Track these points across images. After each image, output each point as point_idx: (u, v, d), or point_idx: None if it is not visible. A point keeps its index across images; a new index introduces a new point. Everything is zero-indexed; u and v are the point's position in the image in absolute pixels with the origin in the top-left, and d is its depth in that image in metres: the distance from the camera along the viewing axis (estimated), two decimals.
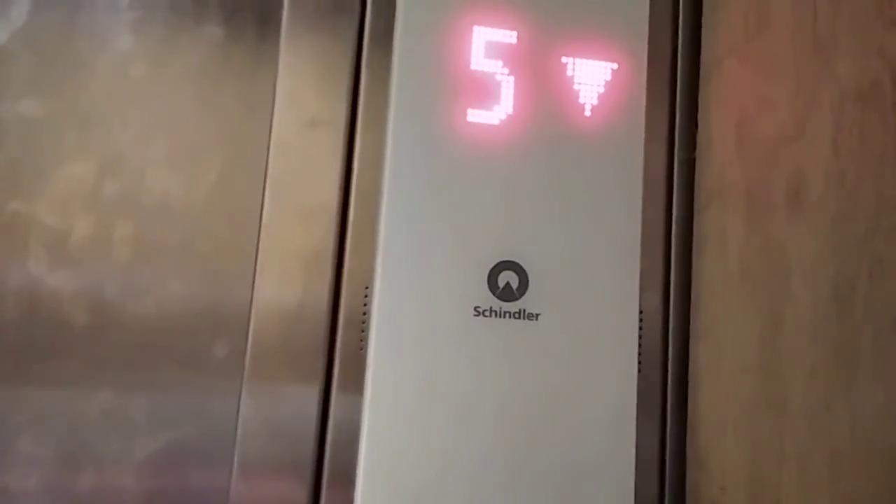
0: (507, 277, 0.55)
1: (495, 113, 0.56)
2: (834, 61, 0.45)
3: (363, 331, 0.55)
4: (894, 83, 0.41)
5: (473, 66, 0.56)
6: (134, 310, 0.57)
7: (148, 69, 0.60)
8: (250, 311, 0.57)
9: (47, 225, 0.57)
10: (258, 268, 0.57)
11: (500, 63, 0.56)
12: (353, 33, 0.60)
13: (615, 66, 0.57)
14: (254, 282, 0.57)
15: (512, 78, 0.56)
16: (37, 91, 0.59)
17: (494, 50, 0.57)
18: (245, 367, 0.56)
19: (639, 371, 0.56)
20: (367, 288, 0.55)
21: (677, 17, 0.61)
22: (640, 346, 0.56)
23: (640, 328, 0.56)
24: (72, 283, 0.57)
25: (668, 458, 0.58)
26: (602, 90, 0.57)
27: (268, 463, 0.55)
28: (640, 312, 0.56)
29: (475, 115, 0.56)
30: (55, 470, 0.55)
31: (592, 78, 0.57)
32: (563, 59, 0.57)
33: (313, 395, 0.56)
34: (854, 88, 0.43)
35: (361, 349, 0.55)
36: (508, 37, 0.57)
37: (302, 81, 0.60)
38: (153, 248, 0.58)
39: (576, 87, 0.57)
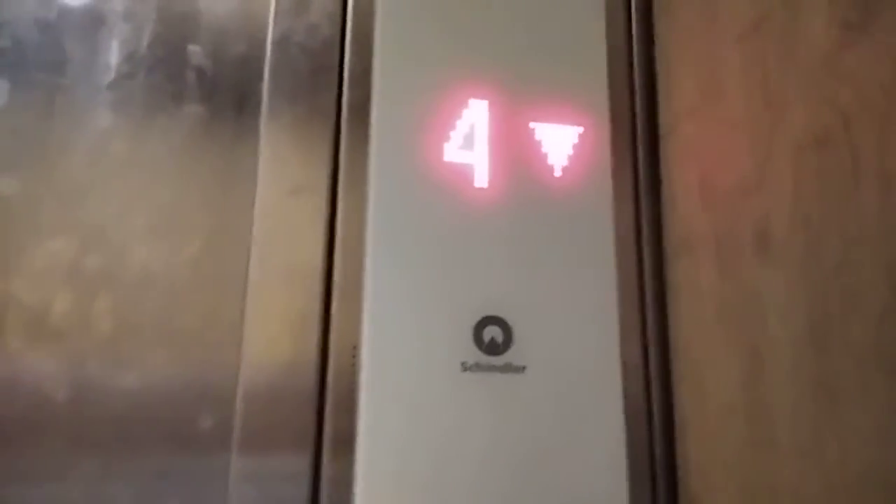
0: (492, 332, 0.57)
1: (473, 175, 0.59)
2: (788, 114, 0.49)
3: (352, 391, 0.55)
4: (846, 128, 0.44)
5: (451, 137, 0.59)
6: (116, 384, 0.56)
7: (128, 145, 0.62)
8: (238, 377, 0.56)
9: (25, 302, 0.57)
10: (245, 333, 0.57)
11: (473, 132, 0.59)
12: (331, 106, 0.62)
13: (581, 129, 0.61)
14: (241, 347, 0.57)
15: (486, 144, 0.59)
16: (14, 169, 0.59)
17: (468, 121, 0.60)
18: (233, 436, 0.55)
19: (625, 421, 0.57)
20: (354, 348, 0.56)
21: (633, 83, 0.65)
22: (624, 395, 0.57)
23: (624, 377, 0.58)
24: (52, 357, 0.56)
25: None
26: (570, 152, 0.60)
27: None
28: (623, 363, 0.58)
29: (454, 179, 0.58)
30: None
31: (560, 141, 0.60)
32: (531, 125, 0.60)
33: (304, 460, 0.55)
34: (810, 137, 0.47)
35: (351, 409, 0.55)
36: (481, 105, 0.60)
37: (284, 152, 0.62)
38: (134, 321, 0.58)
39: (544, 150, 0.60)
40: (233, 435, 0.55)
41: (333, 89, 0.63)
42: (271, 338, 0.57)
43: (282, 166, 0.61)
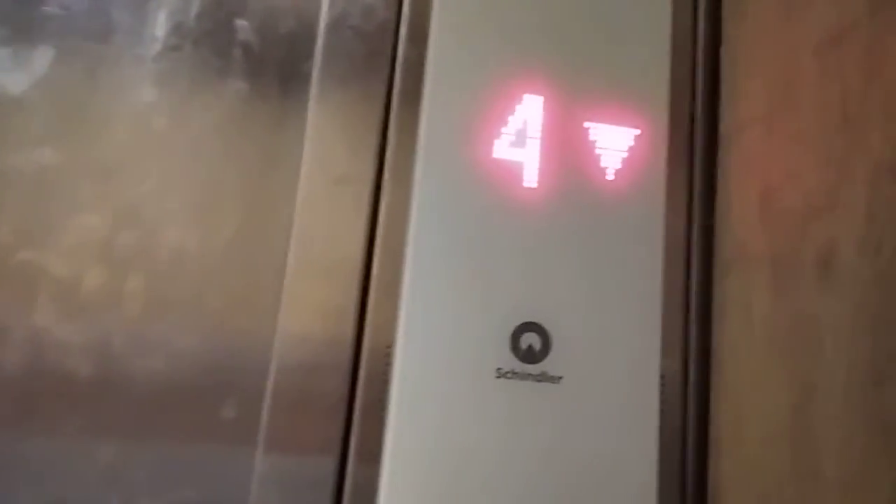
0: (530, 339, 0.55)
1: (522, 174, 0.56)
2: (866, 135, 0.46)
3: (384, 392, 0.54)
4: None
5: (502, 133, 0.57)
6: (142, 365, 0.55)
7: (169, 121, 0.60)
8: (269, 368, 0.55)
9: (56, 276, 0.56)
10: (279, 323, 0.56)
11: (525, 128, 0.57)
12: (382, 93, 0.60)
13: (637, 131, 0.58)
14: (273, 338, 0.56)
15: (538, 142, 0.57)
16: (54, 140, 0.58)
17: (521, 116, 0.57)
18: (259, 431, 0.54)
19: (659, 438, 0.55)
20: (388, 346, 0.54)
21: (695, 85, 0.62)
22: (661, 410, 0.55)
23: (662, 392, 0.56)
24: (79, 335, 0.55)
25: None
26: (625, 155, 0.58)
27: None
28: (662, 377, 0.56)
29: (503, 177, 0.56)
30: None
31: (615, 143, 0.58)
32: (586, 125, 0.58)
33: (331, 458, 0.54)
34: (888, 162, 0.44)
35: (381, 410, 0.53)
36: (535, 101, 0.57)
37: (330, 138, 0.60)
38: (165, 302, 0.57)
39: (598, 151, 0.58)
40: (258, 428, 0.54)
41: (385, 76, 0.60)
42: (305, 330, 0.56)
43: (328, 153, 0.59)
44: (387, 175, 0.58)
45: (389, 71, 0.61)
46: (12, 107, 0.58)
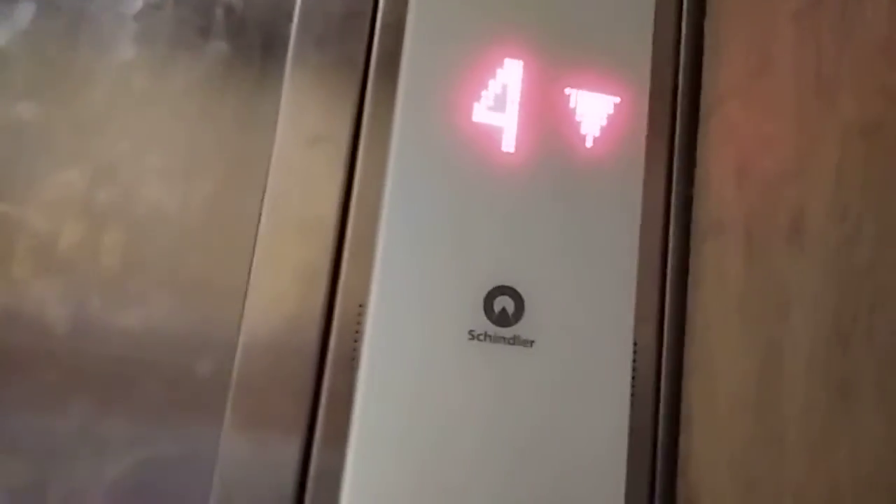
0: (504, 302, 0.55)
1: (501, 138, 0.56)
2: (837, 99, 0.46)
3: (355, 348, 0.54)
4: None
5: (481, 97, 0.57)
6: (118, 320, 0.56)
7: (149, 80, 0.60)
8: (240, 325, 0.55)
9: (34, 229, 0.56)
10: (251, 281, 0.56)
11: (505, 93, 0.57)
12: (360, 54, 0.60)
13: (618, 99, 0.58)
14: (245, 295, 0.56)
15: (517, 107, 0.57)
16: (34, 95, 0.58)
17: (501, 81, 0.57)
18: (231, 383, 0.54)
19: (631, 404, 0.55)
20: (361, 305, 0.55)
21: (678, 56, 0.62)
22: (633, 378, 0.55)
23: (634, 360, 0.56)
24: (56, 288, 0.55)
25: (657, 497, 0.57)
26: (604, 123, 0.58)
27: (250, 489, 0.53)
28: (635, 344, 0.56)
29: (481, 140, 0.56)
30: (25, 481, 0.53)
31: (595, 110, 0.58)
32: (567, 91, 0.58)
33: (300, 411, 0.54)
34: (858, 125, 0.44)
35: (352, 368, 0.54)
36: (515, 66, 0.57)
37: (307, 99, 0.60)
38: (141, 259, 0.57)
39: (577, 118, 0.58)
40: (231, 382, 0.54)
41: (364, 37, 0.60)
42: (277, 289, 0.56)
43: (303, 114, 0.59)
44: (363, 136, 0.58)
45: (368, 32, 0.60)
46: None
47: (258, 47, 0.61)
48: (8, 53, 0.59)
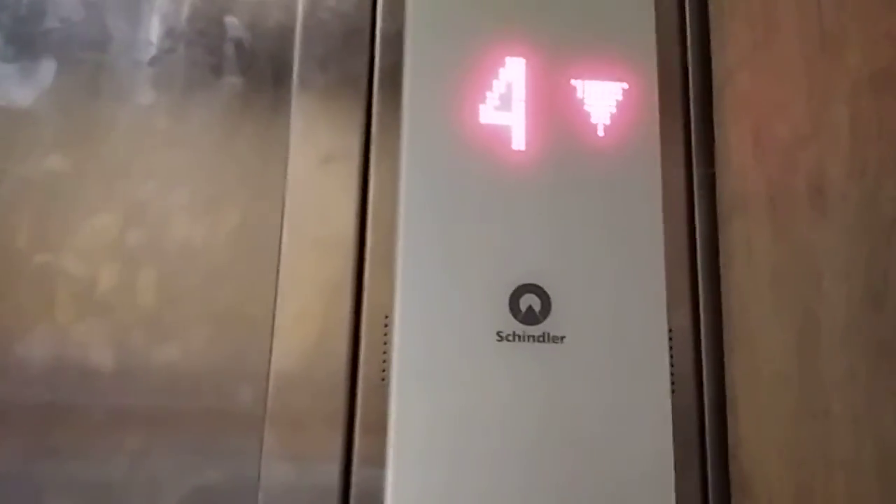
0: (530, 301, 0.54)
1: (510, 137, 0.56)
2: (843, 53, 0.44)
3: (384, 360, 0.54)
4: None
5: (486, 98, 0.57)
6: (159, 355, 0.57)
7: (169, 121, 0.62)
8: (271, 349, 0.56)
9: (73, 275, 0.58)
10: (278, 304, 0.57)
11: (510, 92, 0.57)
12: (363, 70, 0.61)
13: (625, 85, 0.57)
14: (274, 317, 0.57)
15: (523, 104, 0.57)
16: (63, 147, 0.61)
17: (504, 80, 0.57)
18: (266, 405, 0.55)
19: (672, 391, 0.54)
20: (386, 317, 0.55)
21: (685, 35, 0.61)
22: (671, 364, 0.54)
23: (671, 346, 0.54)
24: (98, 329, 0.57)
25: (709, 486, 0.55)
26: (614, 110, 0.57)
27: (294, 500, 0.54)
28: (670, 330, 0.54)
29: (490, 141, 0.56)
30: None
31: (603, 99, 0.57)
32: (573, 82, 0.57)
33: (336, 432, 0.55)
34: (866, 77, 0.42)
35: (383, 380, 0.54)
36: (517, 64, 0.57)
37: (315, 119, 0.61)
38: (177, 294, 0.58)
39: (586, 108, 0.57)
40: (266, 408, 0.55)
41: (365, 54, 0.61)
42: (303, 309, 0.57)
43: (313, 135, 0.60)
44: (374, 150, 0.59)
45: (369, 48, 0.61)
46: (21, 118, 0.61)
47: (269, 77, 0.63)
48: (35, 111, 0.61)
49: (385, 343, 0.54)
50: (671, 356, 0.54)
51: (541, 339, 0.53)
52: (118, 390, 0.57)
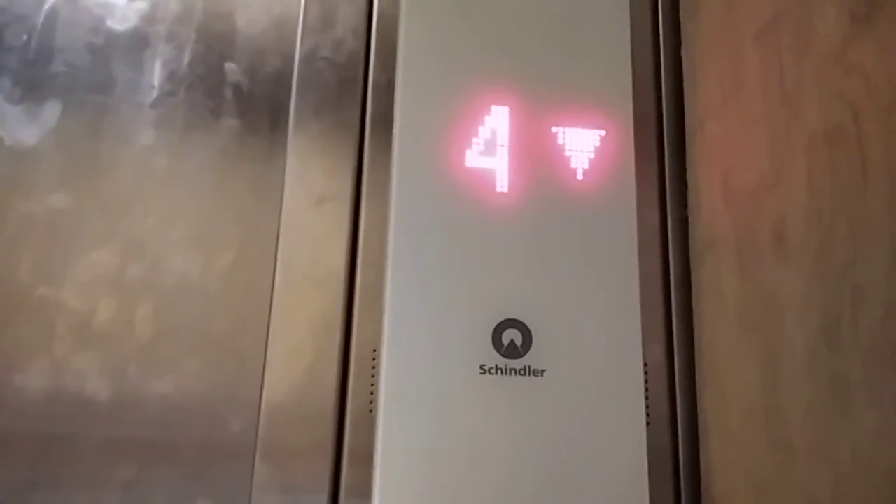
0: (511, 335, 0.57)
1: (495, 180, 0.59)
2: (802, 110, 0.48)
3: (372, 393, 0.56)
4: (855, 122, 0.43)
5: (472, 143, 0.60)
6: (154, 387, 0.59)
7: (168, 161, 0.65)
8: (262, 381, 0.58)
9: (72, 308, 0.60)
10: (270, 336, 0.59)
11: (495, 137, 0.60)
12: (356, 116, 0.64)
13: (603, 132, 0.61)
14: (266, 350, 0.59)
15: (507, 149, 0.60)
16: (65, 185, 0.63)
17: (489, 126, 0.60)
18: (257, 436, 0.57)
19: (647, 423, 0.56)
20: (374, 351, 0.57)
21: (660, 85, 0.65)
22: (646, 398, 0.57)
23: (646, 380, 0.57)
24: (95, 361, 0.59)
25: None
26: (592, 156, 0.60)
27: None
28: (645, 365, 0.57)
29: (476, 184, 0.59)
30: None
31: (582, 145, 0.60)
32: (553, 129, 0.61)
33: (325, 463, 0.57)
34: (821, 133, 0.46)
35: (371, 412, 0.56)
36: (502, 112, 0.60)
37: (309, 162, 0.64)
38: (173, 327, 0.60)
39: (567, 153, 0.60)
40: (256, 439, 0.57)
41: (358, 101, 0.64)
42: (295, 343, 0.59)
43: (307, 176, 0.63)
44: (364, 192, 0.62)
45: (362, 96, 0.65)
46: (26, 157, 0.64)
47: (266, 120, 0.66)
48: (39, 151, 0.64)
49: (373, 376, 0.57)
50: (646, 390, 0.57)
51: (522, 372, 0.56)
52: (113, 420, 0.58)
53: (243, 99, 0.67)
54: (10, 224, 0.62)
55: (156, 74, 0.67)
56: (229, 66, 0.67)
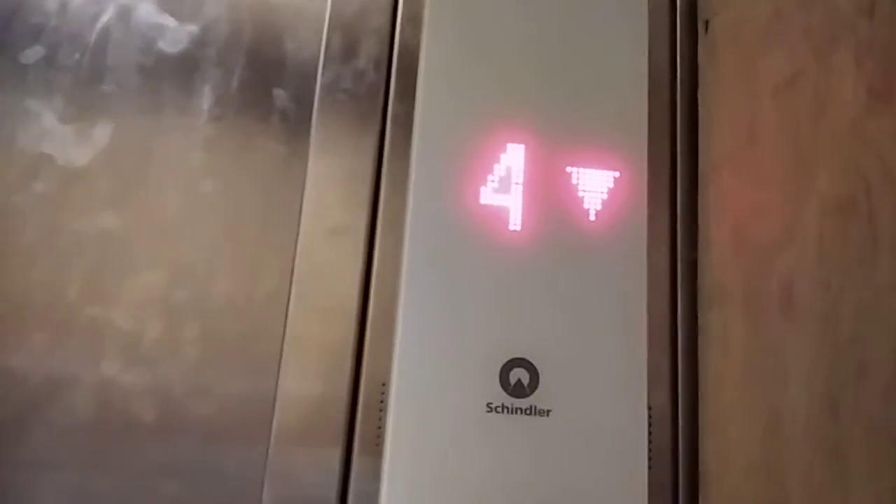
0: (519, 374, 0.58)
1: (508, 218, 0.60)
2: (815, 174, 0.47)
3: (380, 426, 0.59)
4: (868, 197, 0.43)
5: (487, 181, 0.61)
6: (199, 408, 0.62)
7: (216, 184, 0.67)
8: (274, 405, 0.62)
9: (121, 328, 0.63)
10: (282, 363, 0.62)
11: (509, 175, 0.61)
12: (374, 148, 0.66)
13: (617, 174, 0.61)
14: (277, 377, 0.62)
15: (521, 188, 0.61)
16: (115, 206, 0.66)
17: (505, 164, 0.61)
18: (266, 462, 0.60)
19: (649, 467, 0.57)
20: (383, 384, 0.60)
21: (675, 129, 0.64)
22: (650, 441, 0.57)
23: (650, 423, 0.58)
24: (142, 382, 0.62)
25: None
26: (605, 196, 0.60)
27: None
28: (649, 407, 0.58)
29: (489, 221, 0.60)
30: None
31: (596, 185, 0.61)
32: (568, 169, 0.61)
33: (330, 493, 0.60)
34: (834, 199, 0.45)
35: (378, 444, 0.59)
36: (517, 150, 0.61)
37: (327, 192, 0.66)
38: (219, 350, 0.63)
39: (580, 193, 0.61)
40: (266, 461, 0.60)
41: (376, 133, 0.66)
42: (306, 369, 0.62)
43: (324, 205, 0.65)
44: (380, 224, 0.64)
45: (380, 128, 0.66)
46: (77, 177, 0.66)
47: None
48: (90, 170, 0.67)
49: (381, 410, 0.60)
50: (650, 433, 0.57)
51: (528, 411, 0.57)
52: (159, 440, 0.61)
53: (290, 125, 0.68)
54: (61, 243, 0.65)
55: (205, 98, 0.69)
56: (277, 92, 0.69)
